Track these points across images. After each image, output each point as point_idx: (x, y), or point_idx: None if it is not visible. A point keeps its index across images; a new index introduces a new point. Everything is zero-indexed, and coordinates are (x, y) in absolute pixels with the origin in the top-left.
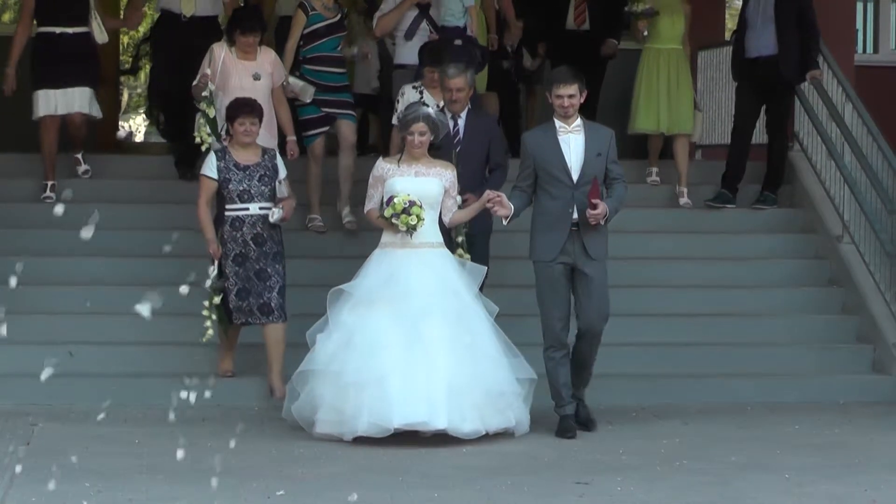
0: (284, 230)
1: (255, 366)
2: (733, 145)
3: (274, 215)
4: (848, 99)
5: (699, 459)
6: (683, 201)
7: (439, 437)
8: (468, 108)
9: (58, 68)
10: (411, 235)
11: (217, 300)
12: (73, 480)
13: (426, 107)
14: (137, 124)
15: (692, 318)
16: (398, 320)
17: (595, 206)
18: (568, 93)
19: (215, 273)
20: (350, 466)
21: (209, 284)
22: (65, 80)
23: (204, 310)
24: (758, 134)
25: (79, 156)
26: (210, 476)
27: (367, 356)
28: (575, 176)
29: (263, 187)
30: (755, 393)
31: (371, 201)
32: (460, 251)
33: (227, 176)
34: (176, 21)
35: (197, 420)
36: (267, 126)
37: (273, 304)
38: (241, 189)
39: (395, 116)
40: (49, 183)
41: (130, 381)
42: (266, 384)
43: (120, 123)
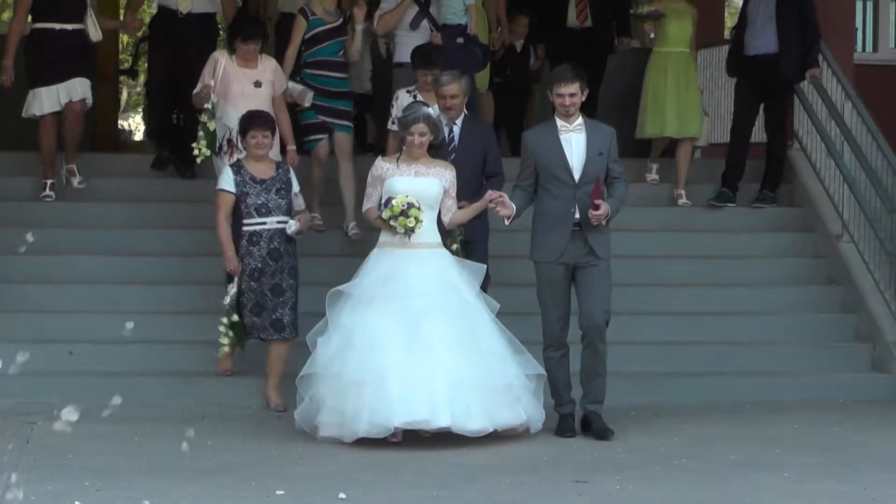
0: None
1: (255, 365)
2: (733, 144)
3: (291, 228)
4: (847, 97)
5: (698, 458)
6: (682, 202)
7: (442, 436)
8: (464, 116)
9: (57, 66)
10: (409, 237)
11: (235, 318)
12: (73, 479)
13: (426, 107)
14: (137, 122)
15: (691, 317)
16: (398, 319)
17: (597, 207)
18: (569, 91)
19: (235, 290)
20: (350, 465)
21: (228, 302)
22: (65, 75)
23: (220, 326)
24: (757, 133)
25: (73, 166)
26: (210, 475)
27: (367, 356)
28: (577, 175)
29: (280, 200)
30: (754, 391)
31: (369, 200)
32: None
33: (245, 190)
34: (172, 17)
35: (196, 419)
36: None
37: (285, 321)
38: (259, 203)
39: (392, 119)
40: (48, 181)
41: (130, 380)
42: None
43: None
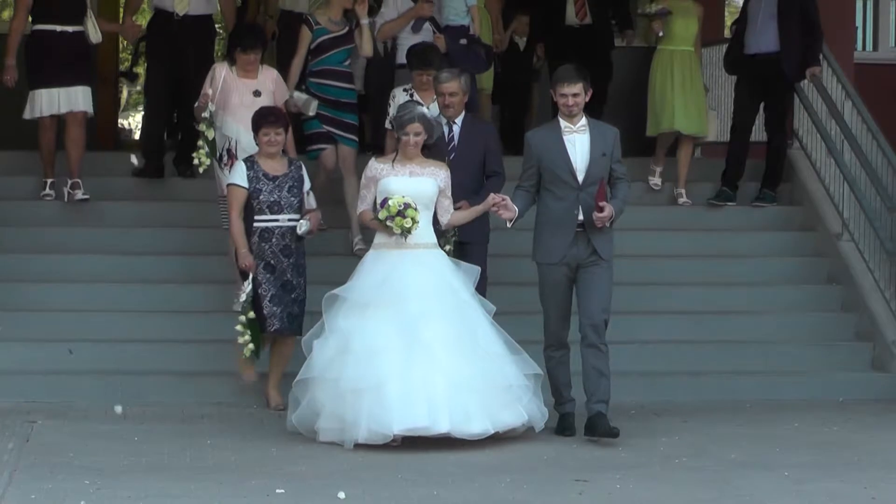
0: None
1: (255, 364)
2: (733, 143)
3: (302, 227)
4: (847, 96)
5: (698, 457)
6: (682, 201)
7: (441, 437)
8: (465, 115)
9: (57, 67)
10: (405, 238)
11: (252, 315)
12: (73, 478)
13: (421, 106)
14: (136, 122)
15: (691, 316)
16: (395, 323)
17: (602, 209)
18: (572, 92)
19: (250, 288)
20: (349, 464)
21: (243, 300)
22: (65, 79)
23: (238, 325)
24: (757, 132)
25: (77, 180)
26: (210, 474)
27: (365, 362)
28: (580, 177)
29: (293, 198)
30: (754, 390)
31: (364, 202)
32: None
33: (258, 186)
34: (169, 19)
35: (196, 418)
36: None
37: (295, 316)
38: (272, 200)
39: (389, 118)
40: (49, 180)
41: (130, 379)
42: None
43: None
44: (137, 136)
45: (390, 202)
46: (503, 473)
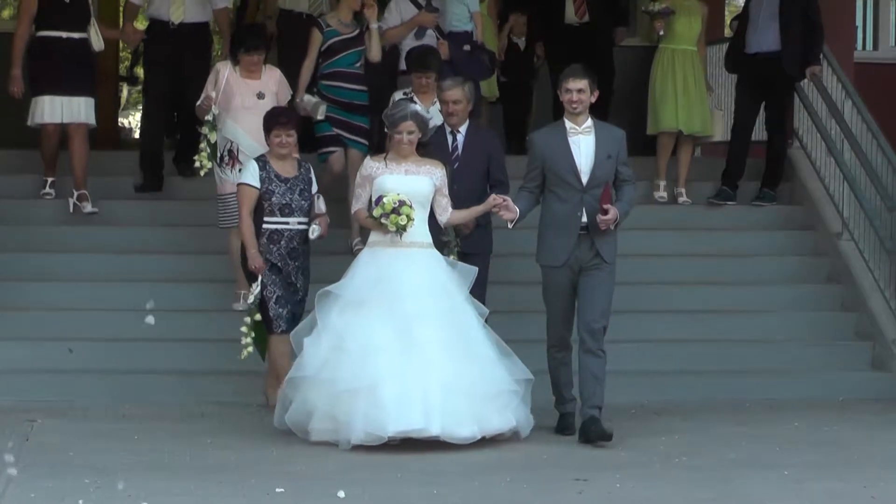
0: None
1: (255, 363)
2: (733, 142)
3: (314, 233)
4: (847, 96)
5: (698, 456)
6: (682, 200)
7: (433, 440)
8: (468, 123)
9: (61, 74)
10: (401, 236)
11: (258, 317)
12: (72, 476)
13: (413, 104)
14: (137, 120)
15: (691, 315)
16: (390, 323)
17: (606, 212)
18: (577, 87)
19: (258, 290)
20: (349, 463)
21: (251, 301)
22: (68, 88)
23: (243, 326)
24: (758, 131)
25: (84, 192)
26: (209, 473)
27: (360, 361)
28: (584, 179)
29: (303, 201)
30: (754, 390)
31: (359, 201)
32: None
33: (270, 188)
34: (165, 28)
35: (196, 417)
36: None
37: (297, 317)
38: (284, 202)
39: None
40: (49, 179)
41: (130, 378)
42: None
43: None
44: (138, 136)
45: (385, 199)
46: (503, 473)
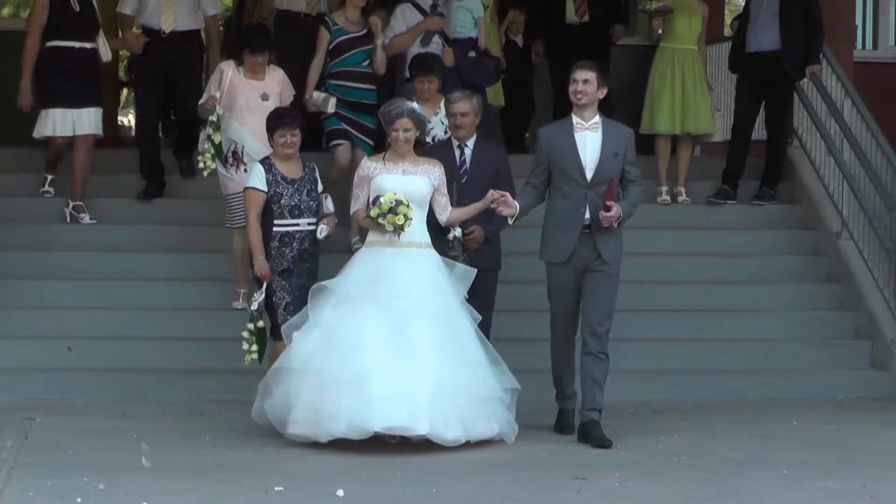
0: None
1: (254, 361)
2: (733, 141)
3: (322, 232)
4: (847, 95)
5: (697, 455)
6: (682, 199)
7: (423, 440)
8: (476, 137)
9: (72, 86)
10: (399, 235)
11: (261, 324)
12: (71, 475)
13: (409, 102)
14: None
15: (690, 314)
16: (384, 319)
17: (609, 209)
18: (583, 77)
19: (262, 297)
20: (348, 462)
21: (255, 308)
22: (79, 99)
23: (245, 332)
24: (758, 130)
25: (81, 203)
26: (208, 471)
27: (350, 355)
28: (589, 175)
29: (311, 202)
30: (753, 389)
31: (357, 202)
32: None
33: (278, 190)
34: (156, 37)
35: (195, 415)
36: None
37: None
38: (293, 204)
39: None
40: (49, 177)
41: (129, 376)
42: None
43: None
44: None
45: (382, 199)
46: (502, 471)
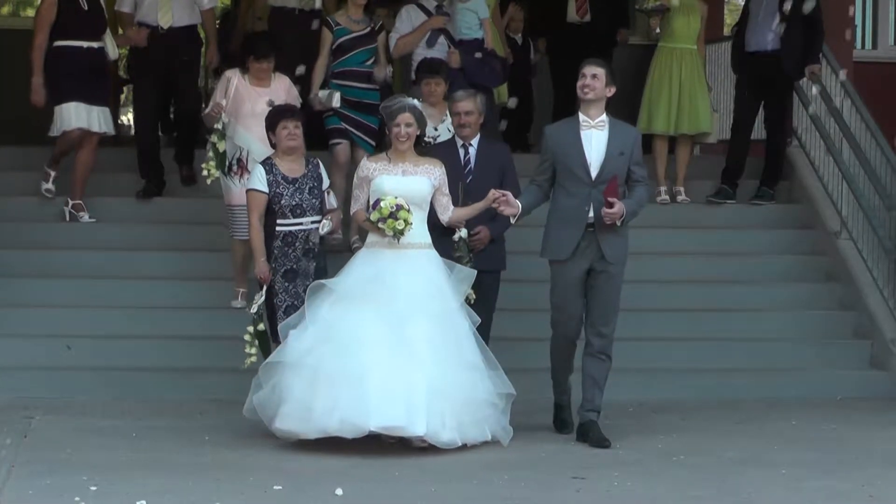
0: None
1: (257, 361)
2: (733, 141)
3: (325, 228)
4: (846, 95)
5: (696, 454)
6: (681, 199)
7: (420, 441)
8: (480, 137)
9: (82, 83)
10: (398, 240)
11: (262, 327)
12: (70, 474)
13: (411, 98)
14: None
15: (690, 314)
16: (381, 319)
17: (611, 205)
18: (591, 72)
19: (262, 299)
20: (347, 461)
21: (255, 311)
22: (89, 97)
23: (246, 335)
24: (757, 130)
25: (80, 202)
26: (208, 470)
27: (346, 352)
28: (594, 173)
29: (314, 200)
30: (753, 388)
31: (357, 202)
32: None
33: (278, 190)
34: (154, 33)
35: (194, 414)
36: None
37: None
38: (294, 204)
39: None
40: (52, 173)
41: (128, 375)
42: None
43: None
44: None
45: (382, 204)
46: (501, 470)
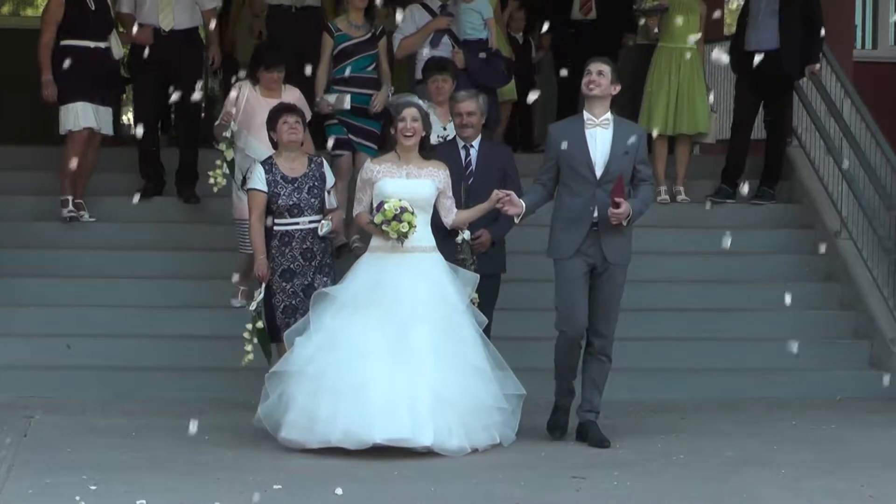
0: None
1: (254, 359)
2: (733, 140)
3: (323, 228)
4: (846, 95)
5: (696, 454)
6: (681, 198)
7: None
8: (481, 138)
9: (92, 83)
10: (402, 243)
11: (260, 324)
12: (70, 473)
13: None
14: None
15: (689, 313)
16: (385, 327)
17: (617, 206)
18: (597, 69)
19: (261, 296)
20: (347, 460)
21: (253, 308)
22: (98, 97)
23: (245, 332)
24: (757, 129)
25: (81, 201)
26: (207, 469)
27: (349, 361)
28: (598, 172)
29: (313, 199)
30: (752, 388)
31: (360, 205)
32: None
33: (276, 190)
34: (156, 36)
35: (194, 413)
36: None
37: None
38: (291, 203)
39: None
40: (70, 197)
41: (128, 374)
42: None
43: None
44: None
45: (386, 206)
46: (501, 470)
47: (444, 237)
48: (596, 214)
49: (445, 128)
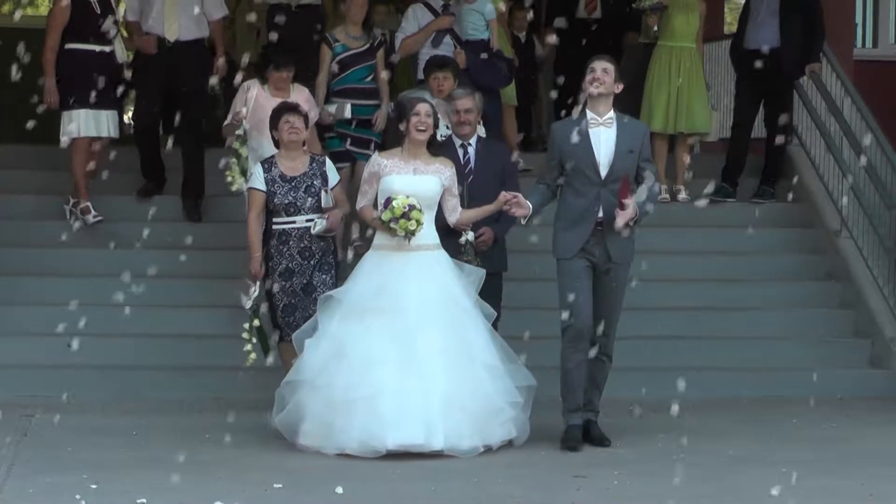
0: None
1: (256, 358)
2: (733, 139)
3: (316, 227)
4: (847, 93)
5: (696, 453)
6: (681, 197)
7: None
8: (478, 136)
9: (93, 88)
10: (409, 241)
11: (257, 322)
12: (71, 472)
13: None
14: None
15: (689, 312)
16: (392, 333)
17: (624, 207)
18: (601, 66)
19: (256, 294)
20: (347, 460)
21: (249, 306)
22: (100, 101)
23: (244, 332)
24: (757, 128)
25: (88, 204)
26: (208, 469)
27: (359, 371)
28: (603, 172)
29: (310, 198)
30: (753, 387)
31: (364, 198)
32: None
33: (273, 189)
34: (161, 45)
35: (195, 412)
36: None
37: None
38: (287, 202)
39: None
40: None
41: (128, 373)
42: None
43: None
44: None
45: (394, 203)
46: (502, 470)
47: (446, 235)
48: (601, 214)
49: (448, 126)
